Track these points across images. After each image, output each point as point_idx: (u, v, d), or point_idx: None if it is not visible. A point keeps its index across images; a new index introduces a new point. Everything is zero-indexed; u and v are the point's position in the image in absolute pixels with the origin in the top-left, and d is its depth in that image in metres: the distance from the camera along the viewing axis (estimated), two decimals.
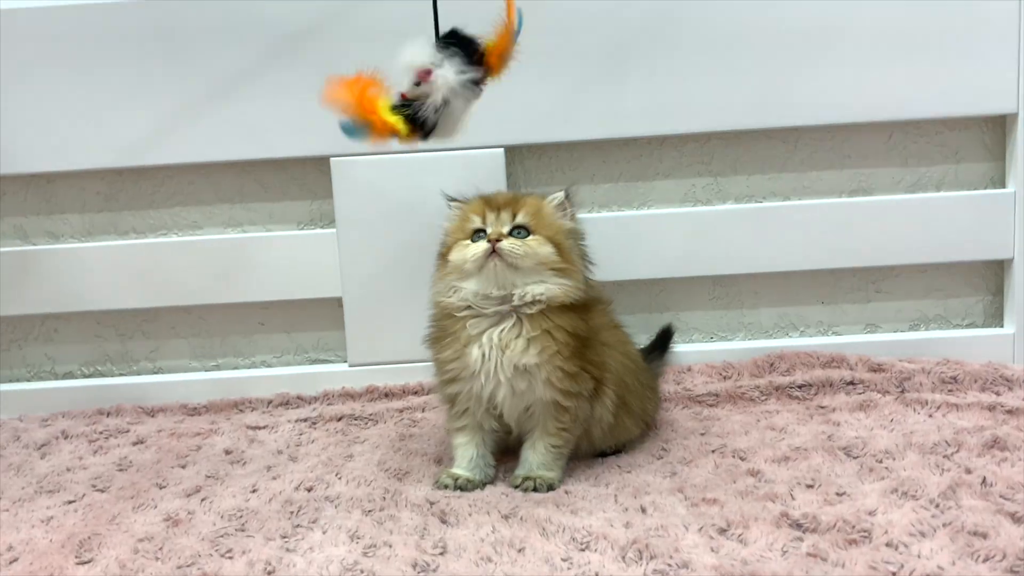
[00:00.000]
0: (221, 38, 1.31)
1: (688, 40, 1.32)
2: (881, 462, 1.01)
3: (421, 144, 0.95)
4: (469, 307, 1.02)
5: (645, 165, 1.40)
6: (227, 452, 1.18)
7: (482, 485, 1.04)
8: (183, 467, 1.14)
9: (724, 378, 1.33)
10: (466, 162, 1.34)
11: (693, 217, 1.38)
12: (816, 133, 1.38)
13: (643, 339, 1.43)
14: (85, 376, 1.46)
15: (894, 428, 1.12)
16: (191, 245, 1.39)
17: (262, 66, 1.32)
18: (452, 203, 1.10)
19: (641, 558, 0.84)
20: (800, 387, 1.26)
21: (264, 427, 1.26)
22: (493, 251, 0.99)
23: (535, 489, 1.01)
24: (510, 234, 1.01)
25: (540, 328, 1.00)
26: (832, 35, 1.31)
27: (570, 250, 1.04)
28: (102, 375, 1.46)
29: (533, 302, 1.00)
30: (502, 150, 1.35)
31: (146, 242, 1.40)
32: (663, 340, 1.37)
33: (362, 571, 0.84)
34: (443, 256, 1.06)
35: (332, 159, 1.35)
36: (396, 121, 0.92)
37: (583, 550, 0.86)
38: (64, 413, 1.36)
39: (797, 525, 0.88)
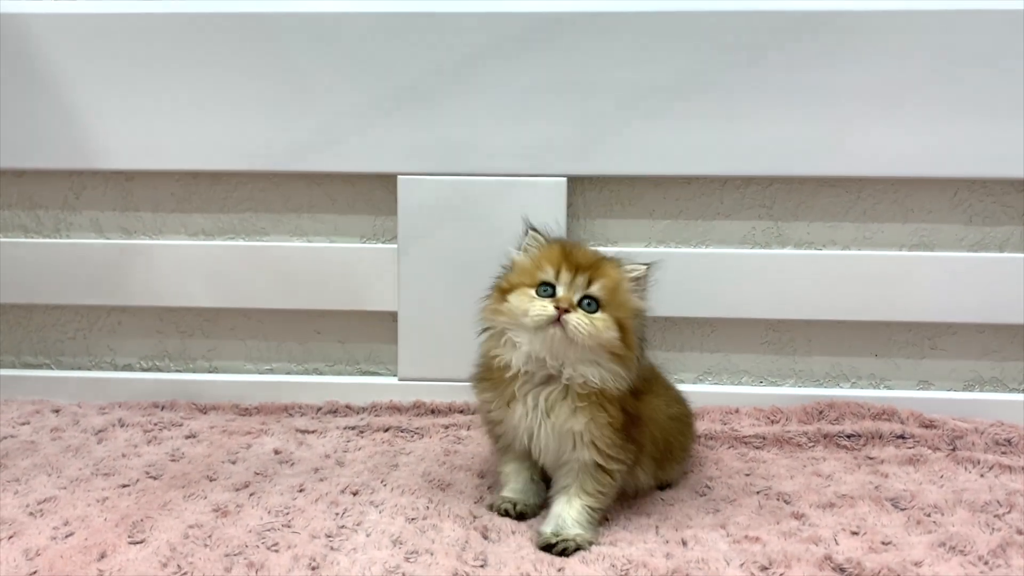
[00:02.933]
0: (303, 53, 1.36)
1: (758, 85, 1.33)
2: (929, 516, 1.00)
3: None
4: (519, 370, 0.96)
5: (706, 204, 1.41)
6: (276, 452, 1.20)
7: (537, 509, 1.01)
8: (233, 463, 1.16)
9: (772, 422, 1.32)
10: (529, 189, 1.37)
11: (751, 259, 1.39)
12: (880, 185, 1.38)
13: (690, 377, 1.44)
14: (143, 369, 1.50)
15: (944, 484, 1.10)
16: (257, 250, 1.43)
17: (341, 82, 1.37)
18: (531, 232, 1.02)
19: None
20: (849, 437, 1.25)
21: (313, 432, 1.29)
22: (558, 320, 0.92)
23: (564, 553, 0.92)
24: (580, 303, 0.94)
25: (589, 400, 0.95)
26: (902, 90, 1.31)
27: (632, 332, 0.97)
28: (159, 370, 1.50)
29: (584, 383, 0.95)
30: (564, 179, 1.37)
31: (214, 244, 1.44)
32: None
33: (403, 574, 0.85)
34: (501, 291, 0.98)
35: (399, 177, 1.39)
36: None
37: None
38: (121, 403, 1.40)
39: (840, 569, 0.87)
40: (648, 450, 1.03)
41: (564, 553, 0.92)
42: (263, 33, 1.36)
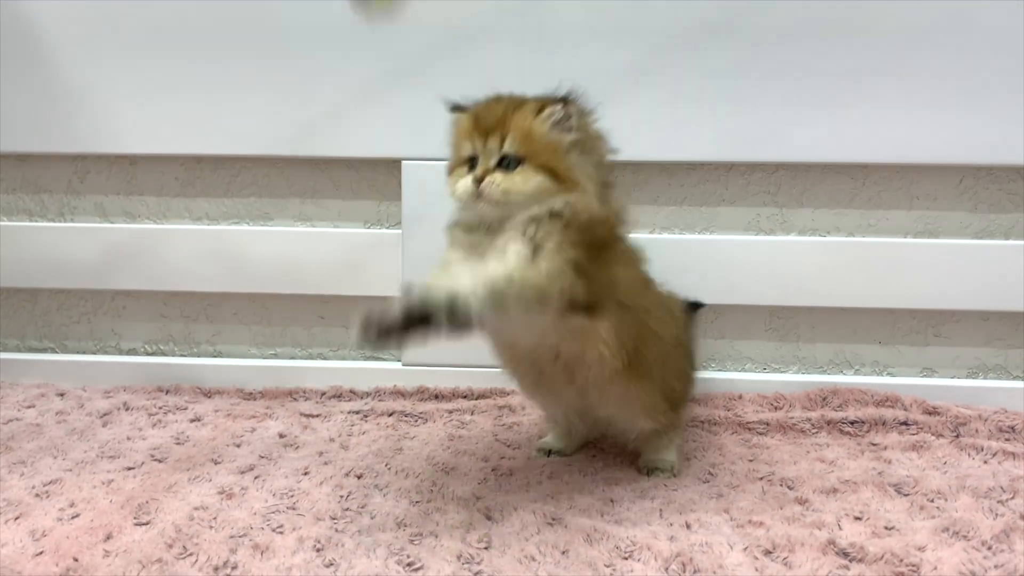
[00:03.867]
0: (306, 38, 1.36)
1: (764, 71, 1.33)
2: (932, 501, 1.00)
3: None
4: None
5: (710, 191, 1.40)
6: (281, 436, 1.21)
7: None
8: (238, 446, 1.17)
9: (775, 408, 1.32)
10: None
11: (755, 246, 1.38)
12: (886, 171, 1.37)
13: None
14: (148, 354, 1.51)
15: (947, 470, 1.10)
16: (261, 235, 1.43)
17: (342, 67, 1.36)
18: (454, 112, 1.02)
19: (684, 571, 0.84)
20: (852, 423, 1.25)
21: (317, 416, 1.29)
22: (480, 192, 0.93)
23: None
24: (499, 165, 0.94)
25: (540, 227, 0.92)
26: (908, 76, 1.31)
27: (572, 167, 0.94)
28: (164, 354, 1.50)
29: (531, 219, 0.92)
30: None
31: (218, 228, 1.44)
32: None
33: (408, 556, 0.85)
34: (449, 173, 1.00)
35: (404, 162, 1.38)
36: None
37: (626, 559, 0.87)
38: (125, 387, 1.41)
39: (844, 554, 0.87)
40: (610, 305, 0.96)
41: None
42: (267, 17, 1.36)
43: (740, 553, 0.88)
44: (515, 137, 0.94)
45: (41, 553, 0.85)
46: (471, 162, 0.96)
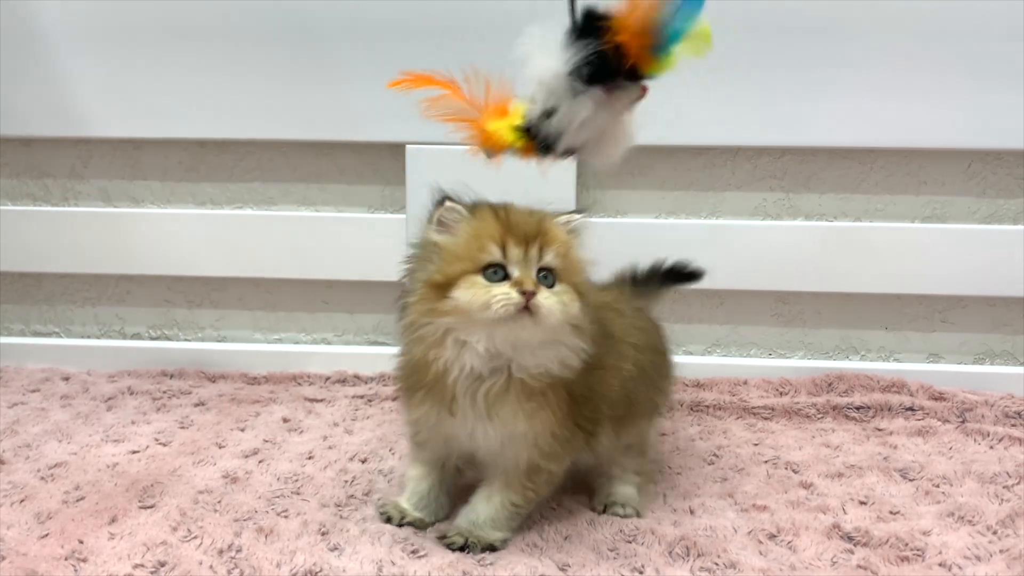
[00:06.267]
0: (308, 24, 1.35)
1: (769, 56, 1.32)
2: (938, 486, 1.00)
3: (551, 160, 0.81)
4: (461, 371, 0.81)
5: (717, 175, 1.39)
6: (285, 420, 1.21)
7: (432, 524, 0.90)
8: (242, 430, 1.17)
9: (781, 394, 1.32)
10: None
11: (762, 231, 1.38)
12: (893, 156, 1.36)
13: (698, 349, 1.44)
14: (152, 338, 1.51)
15: (953, 456, 1.10)
16: (265, 220, 1.43)
17: (348, 52, 1.36)
18: (448, 203, 0.86)
19: (688, 555, 0.84)
20: (858, 408, 1.25)
21: (321, 400, 1.29)
22: (526, 307, 0.77)
23: (464, 548, 0.84)
24: (538, 279, 0.80)
25: (534, 394, 0.82)
26: (916, 61, 1.30)
27: (588, 296, 0.84)
28: (168, 339, 1.50)
29: (537, 374, 0.82)
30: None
31: (222, 213, 1.44)
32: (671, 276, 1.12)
33: (412, 544, 0.85)
34: (437, 286, 0.80)
35: (408, 146, 1.38)
36: (503, 129, 0.80)
37: (630, 542, 0.87)
38: (130, 372, 1.41)
39: (848, 538, 0.87)
40: (605, 418, 0.90)
41: (456, 548, 0.84)
42: (271, 4, 1.35)
43: (744, 537, 0.88)
44: (558, 251, 0.81)
45: (47, 535, 0.85)
46: (490, 271, 0.80)
